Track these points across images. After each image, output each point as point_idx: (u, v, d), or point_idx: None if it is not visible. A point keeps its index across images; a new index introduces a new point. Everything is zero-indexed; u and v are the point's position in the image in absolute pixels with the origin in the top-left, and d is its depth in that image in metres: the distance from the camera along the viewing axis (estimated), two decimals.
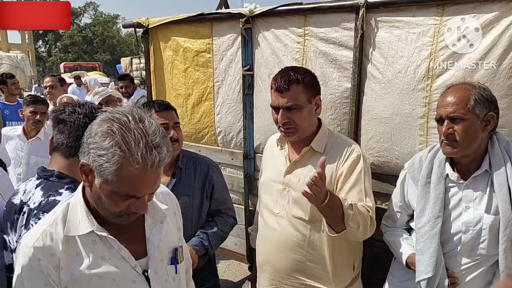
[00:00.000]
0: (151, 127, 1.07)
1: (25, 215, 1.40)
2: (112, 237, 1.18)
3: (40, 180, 1.44)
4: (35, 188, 1.41)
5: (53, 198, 1.36)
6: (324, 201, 1.66)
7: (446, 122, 1.65)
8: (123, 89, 5.73)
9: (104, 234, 1.17)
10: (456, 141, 1.64)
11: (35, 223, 1.33)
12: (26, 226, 1.37)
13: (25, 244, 1.13)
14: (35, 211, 1.36)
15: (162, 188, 1.41)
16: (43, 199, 1.37)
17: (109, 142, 1.03)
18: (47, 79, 5.07)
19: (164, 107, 2.05)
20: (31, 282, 1.11)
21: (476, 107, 1.61)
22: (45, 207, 1.35)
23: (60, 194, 1.38)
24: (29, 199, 1.42)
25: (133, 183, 1.06)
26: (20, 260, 1.13)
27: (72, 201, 1.20)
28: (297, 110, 1.84)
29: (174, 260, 1.32)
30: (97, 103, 3.39)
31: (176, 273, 1.32)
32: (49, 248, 1.12)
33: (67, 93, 4.85)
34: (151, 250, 1.25)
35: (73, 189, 1.39)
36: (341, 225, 1.75)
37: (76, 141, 1.42)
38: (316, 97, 1.91)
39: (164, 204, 1.33)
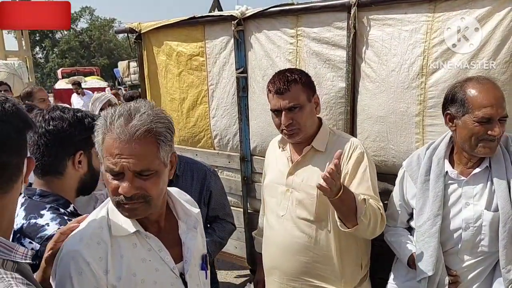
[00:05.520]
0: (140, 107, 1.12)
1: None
2: (154, 236, 1.19)
3: (25, 198, 1.40)
4: (21, 207, 1.38)
5: (34, 221, 1.33)
6: (337, 194, 1.63)
7: (496, 124, 1.57)
8: None
9: (147, 233, 1.18)
10: (497, 141, 1.61)
11: None
12: None
13: (72, 249, 1.11)
14: (18, 235, 1.33)
15: (187, 196, 1.43)
16: (24, 221, 1.34)
17: (99, 121, 1.13)
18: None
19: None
20: (81, 286, 1.09)
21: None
22: (27, 231, 1.32)
23: (42, 216, 1.35)
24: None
25: (110, 153, 1.07)
26: (66, 265, 1.10)
27: (109, 205, 1.20)
28: (299, 110, 1.83)
29: (205, 266, 1.34)
30: (99, 109, 3.36)
31: (206, 278, 1.35)
32: (98, 251, 1.12)
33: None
34: (187, 254, 1.27)
35: (55, 208, 1.37)
36: (353, 219, 1.70)
37: (47, 158, 1.38)
38: (314, 95, 1.90)
39: (196, 208, 1.35)
